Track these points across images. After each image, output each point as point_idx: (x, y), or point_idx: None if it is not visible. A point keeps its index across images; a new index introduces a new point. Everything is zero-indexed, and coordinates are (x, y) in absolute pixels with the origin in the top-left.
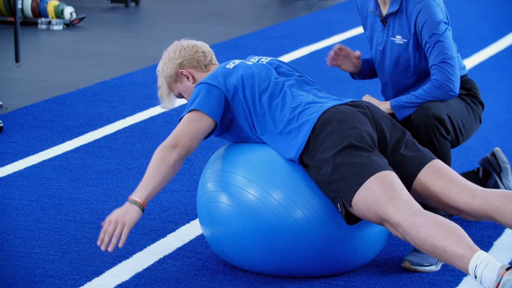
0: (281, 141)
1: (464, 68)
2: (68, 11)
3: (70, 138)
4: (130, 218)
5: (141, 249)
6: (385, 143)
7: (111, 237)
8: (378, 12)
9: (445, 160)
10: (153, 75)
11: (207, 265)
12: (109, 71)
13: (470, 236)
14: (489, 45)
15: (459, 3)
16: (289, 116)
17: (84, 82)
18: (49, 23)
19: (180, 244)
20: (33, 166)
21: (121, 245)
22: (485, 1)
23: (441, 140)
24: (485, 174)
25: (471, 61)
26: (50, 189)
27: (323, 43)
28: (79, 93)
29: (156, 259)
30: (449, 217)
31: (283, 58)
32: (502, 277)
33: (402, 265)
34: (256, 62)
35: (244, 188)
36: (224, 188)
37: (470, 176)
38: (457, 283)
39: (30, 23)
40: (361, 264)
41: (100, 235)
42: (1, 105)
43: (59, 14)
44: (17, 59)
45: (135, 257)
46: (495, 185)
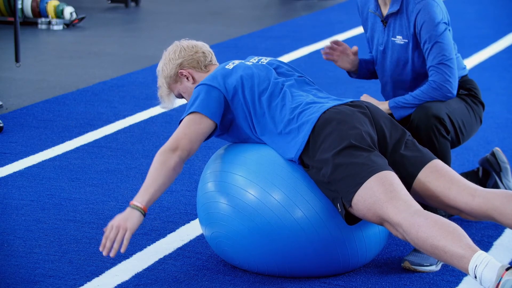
0: (281, 141)
1: (464, 68)
2: (68, 11)
3: (70, 138)
4: (132, 224)
5: (141, 249)
6: (385, 143)
7: (112, 242)
8: (378, 13)
9: (445, 160)
10: (153, 75)
11: (207, 265)
12: (109, 71)
13: (470, 236)
14: (489, 45)
15: (459, 3)
16: (289, 117)
17: (84, 82)
18: (49, 23)
19: (180, 244)
20: (33, 166)
21: (123, 250)
22: (485, 1)
23: (441, 140)
24: (485, 174)
25: (471, 61)
26: (50, 189)
27: (323, 43)
28: (79, 93)
29: (156, 259)
30: (449, 217)
31: (283, 58)
32: (502, 277)
33: (402, 265)
34: (255, 63)
35: (244, 188)
36: (224, 188)
37: (470, 176)
38: (457, 283)
39: (30, 23)
40: (361, 264)
41: (102, 241)
42: (1, 105)
43: (59, 14)
44: (17, 59)
45: (135, 257)
46: (495, 185)
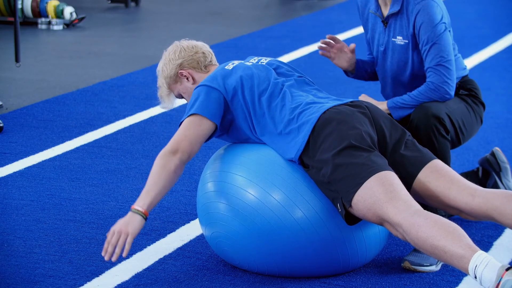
0: (281, 141)
1: (465, 68)
2: (68, 11)
3: (70, 138)
4: (133, 228)
5: (141, 249)
6: (385, 143)
7: (114, 247)
8: (379, 13)
9: (445, 159)
10: (153, 75)
11: (207, 265)
12: (109, 71)
13: (470, 236)
14: (489, 45)
15: (459, 3)
16: (289, 117)
17: (84, 82)
18: (49, 23)
19: (180, 244)
20: (33, 166)
21: (125, 254)
22: (485, 1)
23: (440, 139)
24: (484, 174)
25: (471, 61)
26: (50, 189)
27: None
28: (79, 93)
29: (156, 259)
30: (449, 217)
31: (283, 58)
32: (502, 277)
33: (402, 265)
34: (255, 63)
35: (244, 188)
36: (224, 188)
37: (470, 176)
38: (457, 283)
39: (30, 23)
40: (361, 264)
41: (104, 246)
42: (1, 105)
43: (59, 14)
44: (17, 59)
45: (135, 257)
46: (495, 185)
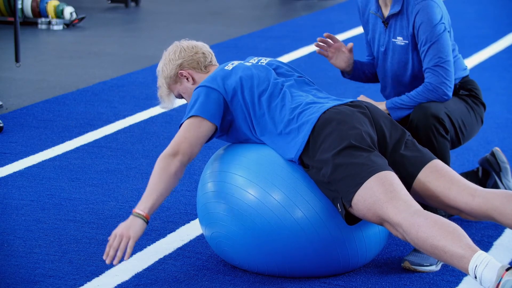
0: (281, 141)
1: (465, 69)
2: (68, 11)
3: (70, 138)
4: (135, 232)
5: (141, 249)
6: (385, 143)
7: (116, 251)
8: (379, 14)
9: (444, 159)
10: (153, 75)
11: (207, 265)
12: (109, 71)
13: (470, 236)
14: (489, 45)
15: (459, 3)
16: (288, 117)
17: (84, 82)
18: (49, 23)
19: (180, 244)
20: (33, 166)
21: (126, 258)
22: (485, 1)
23: (439, 139)
24: (484, 174)
25: (471, 61)
26: (50, 189)
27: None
28: (79, 93)
29: (156, 259)
30: (449, 217)
31: (283, 58)
32: (502, 277)
33: (402, 265)
34: (255, 63)
35: (244, 188)
36: (224, 189)
37: (470, 176)
38: (457, 283)
39: (30, 23)
40: (361, 264)
41: (106, 250)
42: (1, 105)
43: (59, 14)
44: (17, 59)
45: (135, 257)
46: (495, 185)
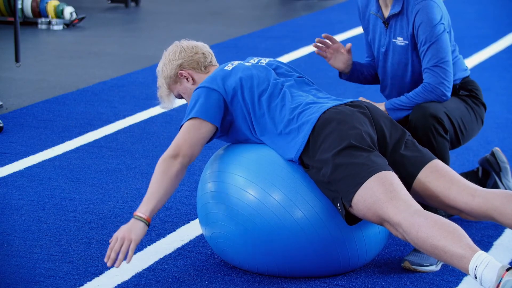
0: (281, 141)
1: (466, 69)
2: (68, 11)
3: (70, 138)
4: (136, 235)
5: (141, 249)
6: (385, 143)
7: (117, 253)
8: (380, 14)
9: (444, 159)
10: (153, 75)
11: (207, 265)
12: (109, 71)
13: (470, 236)
14: (489, 45)
15: (459, 3)
16: (288, 117)
17: (84, 82)
18: (49, 23)
19: (180, 244)
20: (33, 166)
21: (128, 261)
22: (485, 1)
23: (439, 139)
24: (484, 174)
25: (471, 61)
26: (50, 189)
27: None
28: (79, 93)
29: (156, 259)
30: (449, 217)
31: (283, 58)
32: (502, 277)
33: (402, 265)
34: (255, 64)
35: (244, 188)
36: (224, 189)
37: (470, 176)
38: (457, 283)
39: (30, 23)
40: (361, 264)
41: (107, 252)
42: (1, 105)
43: (59, 14)
44: (17, 59)
45: (135, 257)
46: (495, 185)
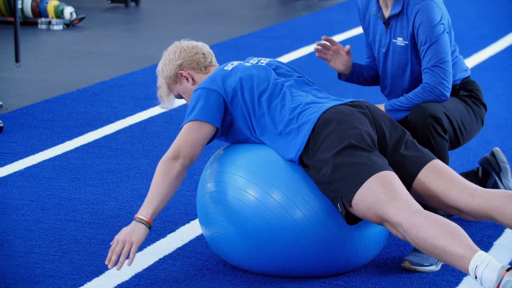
0: (281, 141)
1: (466, 70)
2: (68, 11)
3: (70, 138)
4: (138, 237)
5: (141, 249)
6: (385, 143)
7: (119, 256)
8: (380, 15)
9: (443, 159)
10: (153, 75)
11: (207, 265)
12: (109, 71)
13: (470, 236)
14: (489, 45)
15: (459, 3)
16: (288, 117)
17: (84, 82)
18: (49, 23)
19: (180, 244)
20: (33, 166)
21: (129, 263)
22: (485, 1)
23: (438, 139)
24: (484, 174)
25: (471, 61)
26: (50, 189)
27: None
28: (79, 93)
29: (156, 259)
30: (449, 217)
31: (283, 58)
32: (502, 278)
33: (402, 265)
34: (255, 64)
35: (243, 188)
36: (223, 189)
37: (470, 176)
38: (457, 283)
39: (30, 23)
40: (361, 264)
41: (108, 255)
42: (1, 105)
43: (59, 14)
44: (17, 59)
45: (135, 257)
46: (495, 185)
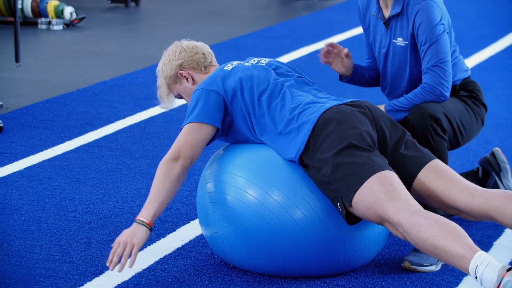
0: (281, 141)
1: (467, 70)
2: (68, 11)
3: (70, 138)
4: (139, 239)
5: (141, 249)
6: (385, 143)
7: (120, 258)
8: (380, 15)
9: (442, 159)
10: (153, 75)
11: (207, 265)
12: (109, 71)
13: (470, 236)
14: (489, 45)
15: (459, 3)
16: (288, 117)
17: (84, 82)
18: (49, 23)
19: (180, 244)
20: (33, 166)
21: (131, 265)
22: (485, 1)
23: (437, 139)
24: (484, 174)
25: (471, 61)
26: (50, 189)
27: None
28: (79, 93)
29: (156, 259)
30: (449, 217)
31: (283, 58)
32: (502, 278)
33: (402, 265)
34: (255, 64)
35: (243, 189)
36: (223, 189)
37: (470, 176)
38: (457, 283)
39: (30, 23)
40: (361, 264)
41: (109, 257)
42: (1, 105)
43: (59, 14)
44: (17, 59)
45: None
46: (495, 185)
